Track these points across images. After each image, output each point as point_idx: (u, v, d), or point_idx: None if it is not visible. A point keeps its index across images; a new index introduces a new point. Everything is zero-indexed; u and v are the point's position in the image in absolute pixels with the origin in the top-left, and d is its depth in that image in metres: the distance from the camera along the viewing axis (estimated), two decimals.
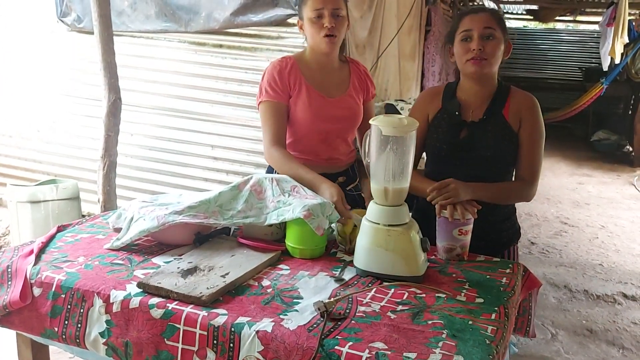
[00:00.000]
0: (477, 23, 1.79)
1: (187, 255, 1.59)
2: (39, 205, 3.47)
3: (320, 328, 1.24)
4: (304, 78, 2.07)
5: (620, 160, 7.93)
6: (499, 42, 1.80)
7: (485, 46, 1.78)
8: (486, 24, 1.78)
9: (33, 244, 1.64)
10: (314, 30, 2.00)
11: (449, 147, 1.88)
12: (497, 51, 1.80)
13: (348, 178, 2.18)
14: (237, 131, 3.65)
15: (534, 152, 1.86)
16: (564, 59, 11.01)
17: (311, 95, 2.06)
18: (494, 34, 1.79)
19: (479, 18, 1.80)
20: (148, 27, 3.71)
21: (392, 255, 1.50)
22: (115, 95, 3.16)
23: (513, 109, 1.86)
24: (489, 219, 1.78)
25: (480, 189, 1.77)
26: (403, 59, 4.70)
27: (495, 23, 1.79)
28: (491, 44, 1.78)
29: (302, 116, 2.06)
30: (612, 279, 3.89)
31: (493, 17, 1.80)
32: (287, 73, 2.05)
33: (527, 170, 1.87)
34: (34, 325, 1.49)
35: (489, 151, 1.84)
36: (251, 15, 3.42)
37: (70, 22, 3.94)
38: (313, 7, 1.98)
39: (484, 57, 1.78)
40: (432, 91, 2.05)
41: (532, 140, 1.86)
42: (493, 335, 1.26)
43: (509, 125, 1.85)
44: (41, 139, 4.26)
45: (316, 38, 2.01)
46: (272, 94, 2.04)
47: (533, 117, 1.86)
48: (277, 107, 2.05)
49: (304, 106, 2.05)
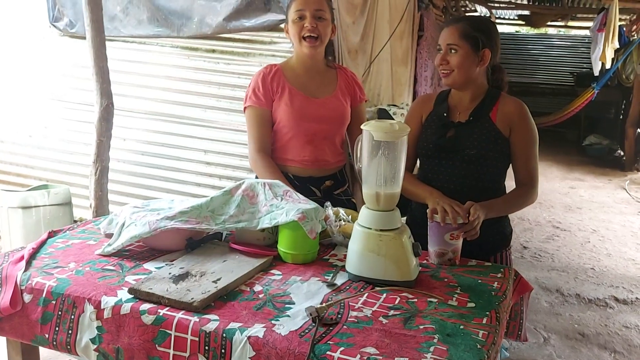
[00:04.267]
0: (443, 39, 1.89)
1: (179, 261, 1.59)
2: (30, 210, 3.45)
3: (312, 333, 1.24)
4: (287, 81, 2.10)
5: (611, 165, 7.99)
6: (463, 55, 1.86)
7: (448, 59, 1.87)
8: (449, 40, 1.88)
9: (24, 249, 1.63)
10: (295, 32, 2.03)
11: (434, 147, 1.94)
12: (462, 63, 1.87)
13: (336, 182, 2.19)
14: (230, 136, 3.65)
15: (530, 157, 1.92)
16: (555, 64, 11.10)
17: (293, 95, 2.09)
18: (457, 48, 1.86)
19: (446, 33, 1.89)
20: (140, 32, 3.71)
21: (384, 260, 1.51)
22: (107, 100, 3.15)
23: (501, 113, 1.91)
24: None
25: (492, 206, 1.81)
26: (395, 64, 4.72)
27: (458, 38, 1.86)
28: (454, 57, 1.87)
29: (285, 117, 2.09)
30: (603, 283, 3.92)
31: (458, 32, 1.87)
32: (270, 78, 2.10)
33: (526, 175, 1.93)
34: (24, 332, 1.48)
35: (473, 150, 1.89)
36: (244, 21, 3.43)
37: (62, 27, 3.93)
38: (295, 8, 2.02)
39: (449, 69, 1.88)
40: (426, 97, 2.14)
41: (527, 146, 1.91)
42: (484, 340, 1.26)
43: (495, 128, 1.89)
44: (33, 144, 4.23)
45: (297, 40, 2.04)
46: (254, 99, 2.10)
47: (524, 122, 1.91)
48: (261, 113, 2.10)
49: (286, 107, 2.08)
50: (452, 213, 1.67)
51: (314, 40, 2.02)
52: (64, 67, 4.02)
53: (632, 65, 7.27)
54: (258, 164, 2.10)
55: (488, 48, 1.88)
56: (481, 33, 1.88)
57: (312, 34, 2.01)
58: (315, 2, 2.01)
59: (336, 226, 1.82)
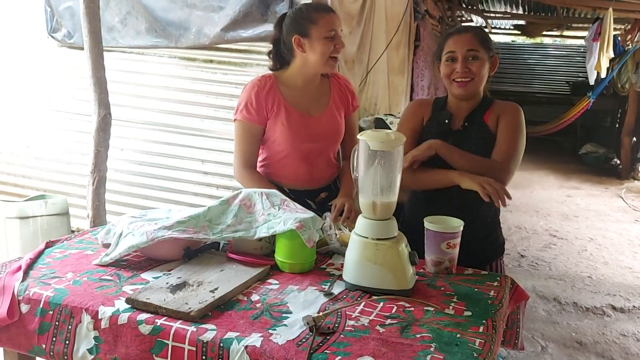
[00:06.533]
0: (461, 45, 1.85)
1: (176, 271, 1.59)
2: (27, 221, 3.44)
3: (309, 342, 1.24)
4: (283, 97, 2.07)
5: (608, 173, 8.02)
6: (483, 62, 1.86)
7: (470, 67, 1.85)
8: (469, 45, 1.85)
9: (21, 260, 1.63)
10: (325, 50, 1.99)
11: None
12: (482, 70, 1.86)
13: (331, 193, 2.19)
14: (227, 146, 3.65)
15: (508, 142, 1.87)
16: (551, 73, 11.18)
17: (290, 115, 2.06)
18: (478, 54, 1.85)
19: (462, 40, 1.86)
20: (138, 42, 3.72)
21: (380, 269, 1.51)
22: (105, 110, 3.16)
23: (494, 114, 1.92)
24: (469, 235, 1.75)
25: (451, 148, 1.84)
26: (392, 73, 4.75)
27: (478, 43, 1.85)
28: (475, 64, 1.85)
29: (282, 136, 2.07)
30: (600, 291, 3.92)
31: (476, 38, 1.86)
32: (265, 94, 2.05)
33: (499, 155, 1.86)
34: (21, 343, 1.48)
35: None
36: (241, 31, 3.44)
37: (60, 38, 3.94)
38: (328, 27, 1.99)
39: (470, 76, 1.85)
40: (423, 101, 2.11)
41: (508, 132, 1.88)
42: (481, 349, 1.27)
43: (489, 129, 1.90)
44: (31, 154, 4.24)
45: (324, 57, 2.01)
46: (246, 115, 2.06)
47: (512, 115, 1.90)
48: (250, 129, 2.08)
49: (283, 127, 2.06)
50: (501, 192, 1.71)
51: (337, 59, 2.05)
52: (62, 78, 4.03)
53: (627, 75, 7.32)
54: (245, 178, 2.08)
55: (495, 55, 1.89)
56: (490, 39, 1.90)
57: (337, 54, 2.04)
58: (340, 23, 2.05)
59: (335, 235, 1.83)
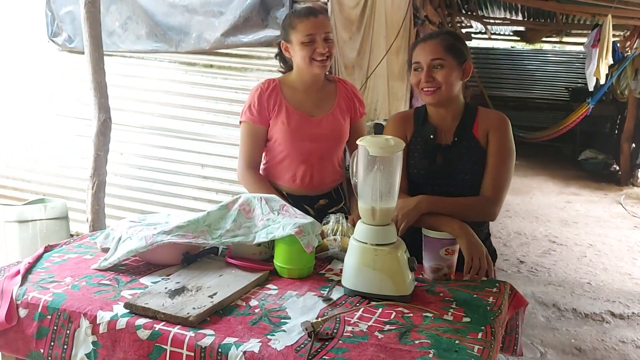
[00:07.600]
0: (425, 55, 1.81)
1: (175, 276, 1.59)
2: (26, 224, 3.44)
3: (307, 348, 1.24)
4: (285, 99, 2.10)
5: (607, 179, 8.01)
6: (450, 69, 1.80)
7: (434, 75, 1.80)
8: (433, 54, 1.80)
9: (20, 264, 1.63)
10: (305, 54, 2.01)
11: (426, 173, 1.88)
12: (449, 79, 1.80)
13: (331, 200, 2.18)
14: (227, 150, 3.66)
15: (499, 170, 1.83)
16: (550, 79, 11.18)
17: (290, 114, 2.08)
18: (443, 63, 1.79)
19: (427, 48, 1.81)
20: (139, 47, 3.73)
21: (379, 274, 1.51)
22: (105, 114, 3.16)
23: (482, 127, 1.86)
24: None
25: (438, 202, 1.78)
26: (392, 79, 4.75)
27: (444, 51, 1.79)
28: (441, 72, 1.79)
29: (281, 136, 2.09)
30: (600, 298, 3.91)
31: (441, 45, 1.80)
32: (267, 95, 2.09)
33: (490, 188, 1.83)
34: (19, 347, 1.47)
35: (467, 175, 1.85)
36: (241, 36, 3.46)
37: (61, 42, 3.95)
38: (305, 32, 2.00)
39: (435, 86, 1.80)
40: (403, 115, 2.03)
41: (499, 157, 1.83)
42: (480, 355, 1.26)
43: (480, 146, 1.85)
44: (30, 158, 4.24)
45: (307, 61, 2.02)
46: (250, 116, 2.11)
47: (501, 133, 1.85)
48: (254, 129, 2.11)
49: (283, 125, 2.08)
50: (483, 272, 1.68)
51: (325, 61, 2.03)
52: (62, 82, 4.04)
53: (627, 81, 7.32)
54: (248, 179, 2.10)
55: (469, 60, 1.84)
56: (462, 44, 1.84)
57: (323, 57, 2.02)
58: (324, 26, 2.02)
59: (335, 239, 1.82)
